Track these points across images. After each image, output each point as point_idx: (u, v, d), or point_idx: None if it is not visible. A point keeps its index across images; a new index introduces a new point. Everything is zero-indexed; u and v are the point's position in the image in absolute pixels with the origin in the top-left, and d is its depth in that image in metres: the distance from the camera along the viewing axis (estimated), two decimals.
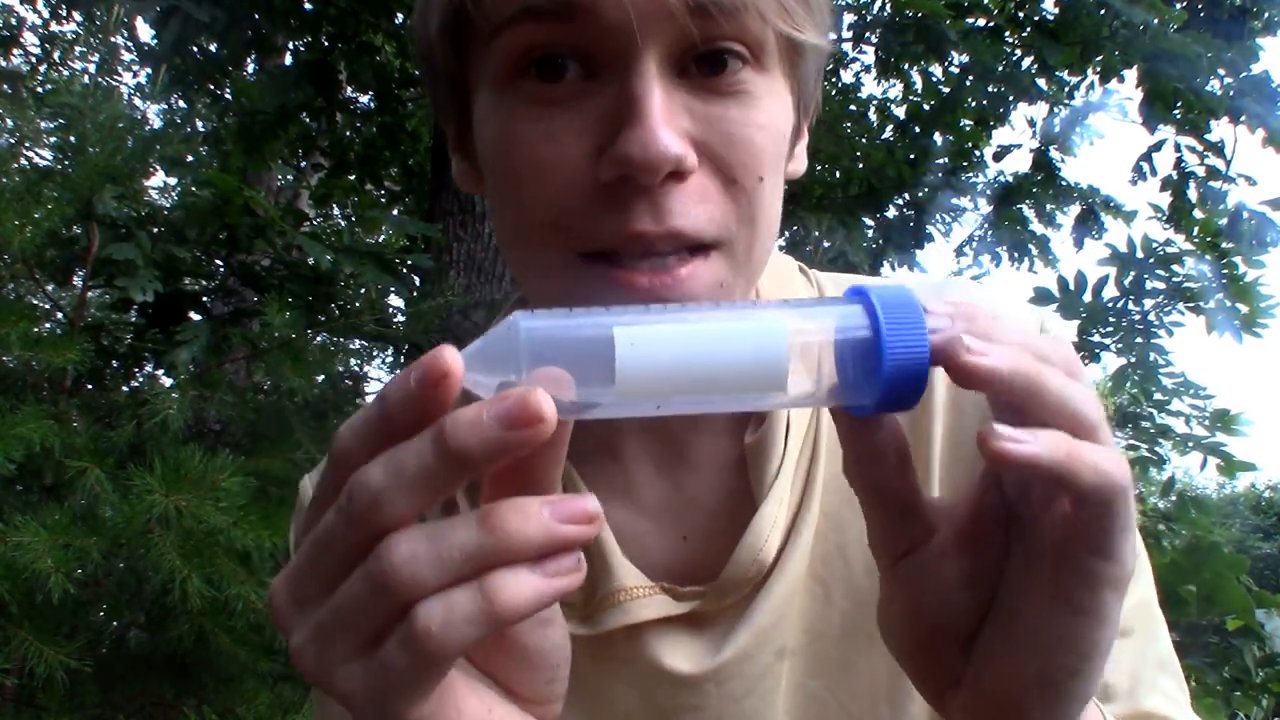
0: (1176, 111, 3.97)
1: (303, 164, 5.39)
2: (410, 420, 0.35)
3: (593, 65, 0.51)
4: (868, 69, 4.91)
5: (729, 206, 0.53)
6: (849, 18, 4.20)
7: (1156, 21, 3.40)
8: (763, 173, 0.53)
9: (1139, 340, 4.22)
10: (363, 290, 2.85)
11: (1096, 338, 4.25)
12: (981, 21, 4.09)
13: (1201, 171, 4.29)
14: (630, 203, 0.50)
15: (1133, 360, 4.23)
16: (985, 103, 4.45)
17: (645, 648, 0.62)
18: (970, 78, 4.13)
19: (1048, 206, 4.94)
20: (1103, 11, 3.65)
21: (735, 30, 0.50)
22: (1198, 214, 4.28)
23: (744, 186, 0.53)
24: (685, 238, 0.51)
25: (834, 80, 5.00)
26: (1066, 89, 4.61)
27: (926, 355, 0.38)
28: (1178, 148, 4.26)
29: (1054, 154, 4.71)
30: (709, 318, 0.38)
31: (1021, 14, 4.07)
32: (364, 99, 4.51)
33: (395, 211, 4.88)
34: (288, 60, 4.28)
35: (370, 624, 0.36)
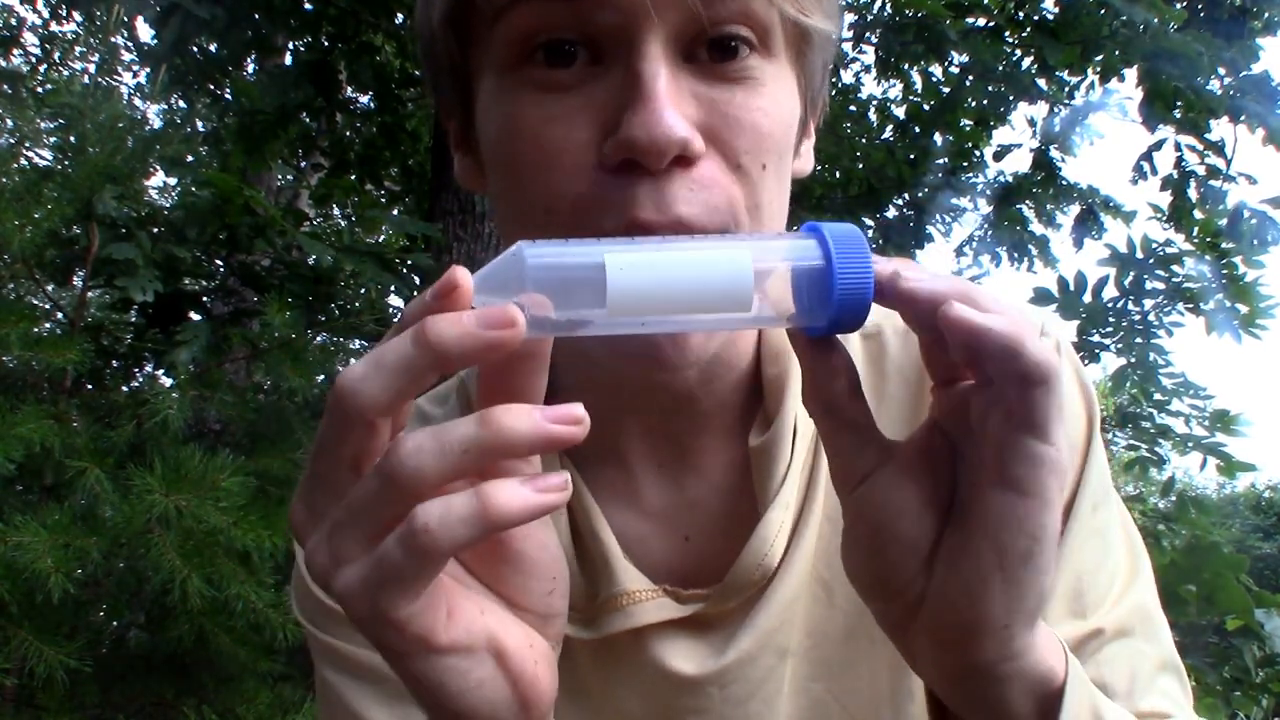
0: (1177, 111, 3.97)
1: (303, 164, 5.39)
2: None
3: (599, 50, 0.51)
4: (868, 69, 4.91)
5: (734, 194, 0.52)
6: (849, 17, 4.20)
7: (1156, 21, 3.40)
8: (767, 160, 0.53)
9: (1139, 340, 4.22)
10: (363, 290, 2.85)
11: (1096, 338, 4.25)
12: (981, 21, 4.09)
13: (1202, 170, 4.29)
14: (634, 190, 0.50)
15: (1132, 360, 4.23)
16: (985, 103, 4.45)
17: (648, 650, 0.61)
18: (970, 78, 4.13)
19: (1048, 206, 4.94)
20: (1103, 11, 3.65)
21: (741, 12, 0.50)
22: (1198, 214, 4.28)
23: (749, 174, 0.53)
24: (688, 227, 0.51)
25: (834, 80, 5.00)
26: (1066, 89, 4.61)
27: (870, 281, 0.43)
28: (1178, 147, 4.26)
29: (1054, 154, 4.71)
30: (687, 247, 0.43)
31: (1021, 14, 4.06)
32: (364, 99, 4.51)
33: (395, 211, 4.88)
34: (288, 60, 4.28)
35: (376, 519, 0.38)
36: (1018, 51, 4.20)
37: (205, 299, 2.84)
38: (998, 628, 0.44)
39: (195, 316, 2.65)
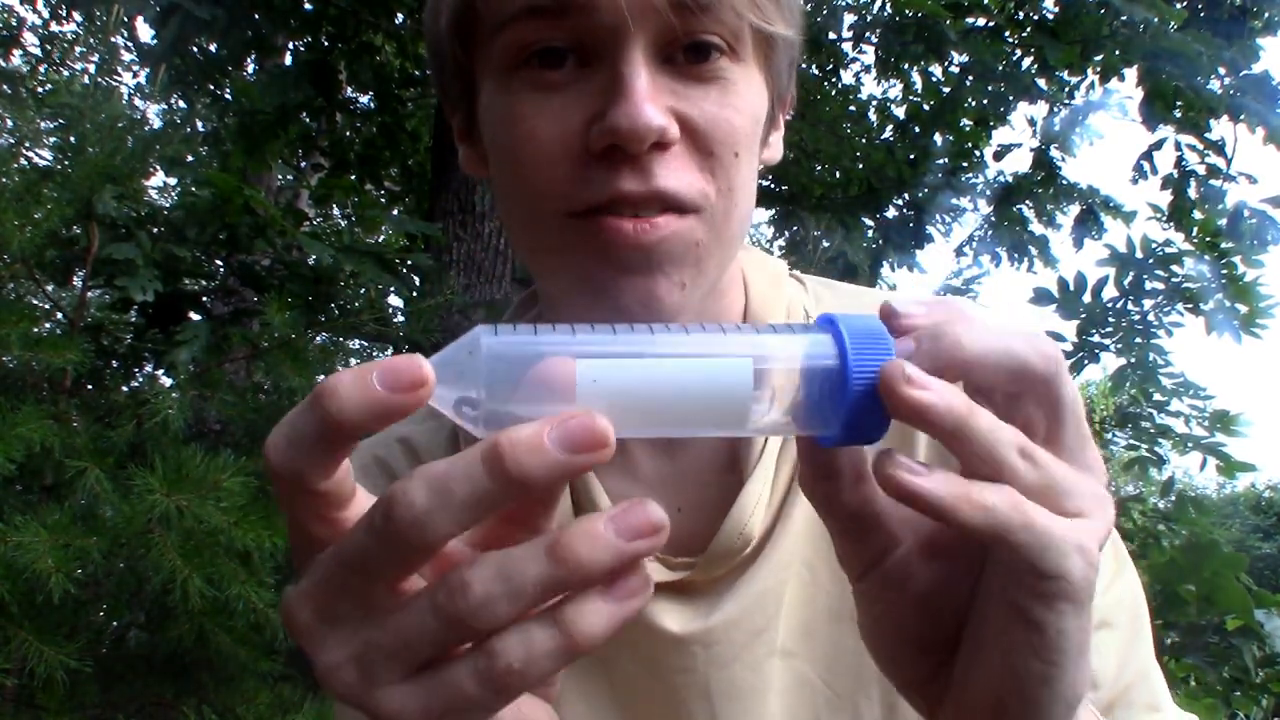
0: (1177, 110, 3.97)
1: (303, 164, 5.39)
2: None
3: (587, 55, 0.57)
4: (868, 69, 4.90)
5: (707, 176, 0.59)
6: (849, 18, 4.20)
7: (1157, 20, 3.40)
8: (738, 149, 0.59)
9: (1138, 340, 4.22)
10: (363, 290, 2.85)
11: (1096, 338, 4.25)
12: (981, 21, 4.09)
13: (1202, 170, 4.30)
14: (618, 168, 0.56)
15: (1132, 360, 4.23)
16: (985, 103, 4.44)
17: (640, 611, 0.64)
18: (970, 78, 4.13)
19: (1048, 206, 4.94)
20: (1103, 10, 3.65)
21: (712, 23, 0.57)
22: (1197, 214, 4.28)
23: (722, 160, 0.59)
24: (667, 197, 0.57)
25: (834, 80, 5.00)
26: (1066, 89, 4.61)
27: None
28: (1178, 146, 4.27)
29: (1054, 154, 4.71)
30: (676, 345, 0.38)
31: (1021, 13, 4.06)
32: (364, 99, 4.51)
33: (395, 211, 4.88)
34: (288, 60, 4.28)
35: (434, 651, 0.36)
36: (1018, 51, 4.20)
37: (205, 299, 2.84)
38: None
39: (195, 316, 2.65)
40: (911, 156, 4.47)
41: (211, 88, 4.12)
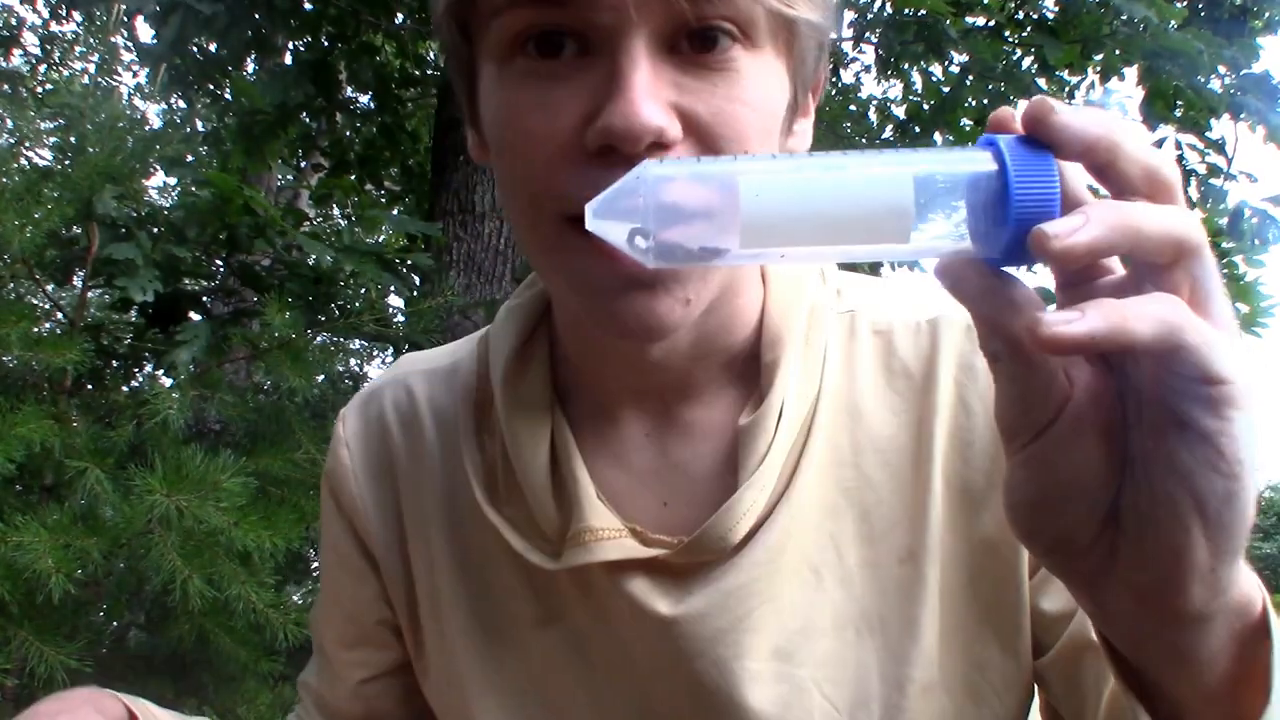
0: (1177, 110, 3.97)
1: (303, 164, 5.39)
2: None
3: (587, 43, 0.54)
4: (868, 69, 4.90)
5: None
6: (849, 17, 4.20)
7: (1157, 19, 3.40)
8: (747, 147, 0.55)
9: None
10: (363, 290, 2.85)
11: None
12: (981, 20, 4.08)
13: (1202, 169, 4.29)
14: (615, 170, 0.51)
15: None
16: (985, 102, 4.44)
17: (618, 584, 0.65)
18: (970, 77, 4.12)
19: None
20: (1103, 9, 3.65)
21: (723, 8, 0.53)
22: (1198, 212, 4.28)
23: None
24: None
25: (834, 80, 5.00)
26: (1066, 88, 4.61)
27: (1056, 194, 0.37)
28: (1178, 145, 4.26)
29: None
30: (834, 165, 0.38)
31: (1021, 13, 4.06)
32: (364, 99, 4.51)
33: (395, 211, 4.87)
34: (288, 60, 4.28)
35: None
36: (1018, 51, 4.20)
37: (205, 299, 2.83)
38: (1204, 572, 0.40)
39: (195, 316, 2.65)
40: None
41: (211, 88, 4.12)
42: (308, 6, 3.59)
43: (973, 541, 0.65)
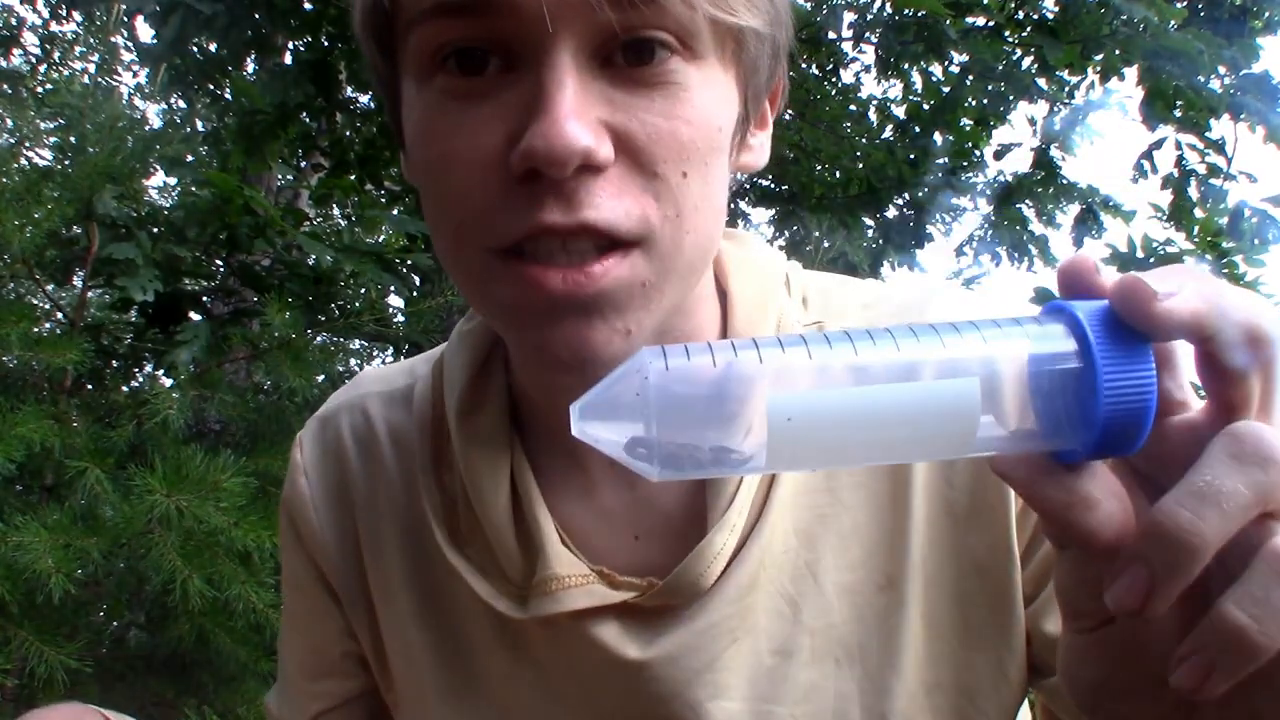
0: (1177, 110, 3.97)
1: (303, 164, 5.39)
2: None
3: (511, 58, 0.49)
4: (868, 69, 4.90)
5: (649, 201, 0.50)
6: (849, 17, 4.20)
7: (1157, 19, 3.40)
8: (687, 168, 0.51)
9: None
10: (363, 290, 2.85)
11: None
12: (981, 21, 4.08)
13: (1202, 169, 4.29)
14: (541, 196, 0.49)
15: None
16: (985, 102, 4.44)
17: (587, 631, 0.62)
18: (970, 77, 4.12)
19: (1048, 206, 4.94)
20: (1103, 10, 3.65)
21: (658, 18, 0.48)
22: (1198, 213, 4.27)
23: (668, 181, 0.50)
24: (597, 231, 0.49)
25: (834, 80, 5.00)
26: (1066, 88, 4.61)
27: (1153, 386, 0.32)
28: (1178, 146, 4.26)
29: (1054, 153, 4.71)
30: (883, 368, 0.32)
31: (1021, 13, 4.06)
32: (364, 99, 4.51)
33: (395, 211, 4.87)
34: (288, 60, 4.28)
35: None
36: (1018, 51, 4.20)
37: (205, 299, 2.84)
38: None
39: (195, 316, 2.65)
40: (911, 156, 4.47)
41: (211, 87, 4.11)
42: (308, 6, 3.59)
43: (960, 564, 0.61)
